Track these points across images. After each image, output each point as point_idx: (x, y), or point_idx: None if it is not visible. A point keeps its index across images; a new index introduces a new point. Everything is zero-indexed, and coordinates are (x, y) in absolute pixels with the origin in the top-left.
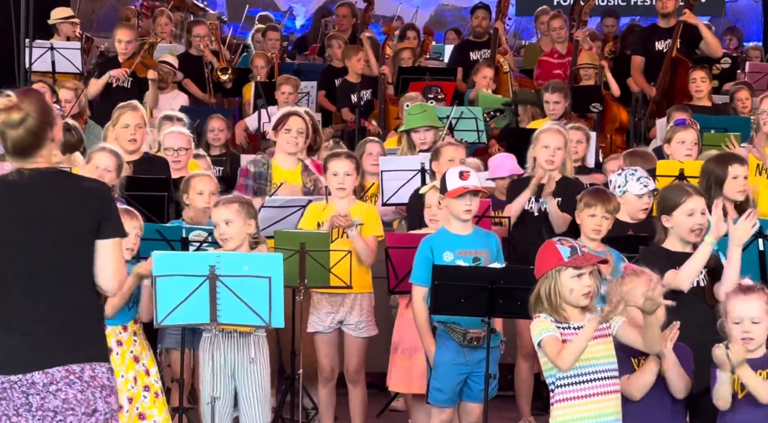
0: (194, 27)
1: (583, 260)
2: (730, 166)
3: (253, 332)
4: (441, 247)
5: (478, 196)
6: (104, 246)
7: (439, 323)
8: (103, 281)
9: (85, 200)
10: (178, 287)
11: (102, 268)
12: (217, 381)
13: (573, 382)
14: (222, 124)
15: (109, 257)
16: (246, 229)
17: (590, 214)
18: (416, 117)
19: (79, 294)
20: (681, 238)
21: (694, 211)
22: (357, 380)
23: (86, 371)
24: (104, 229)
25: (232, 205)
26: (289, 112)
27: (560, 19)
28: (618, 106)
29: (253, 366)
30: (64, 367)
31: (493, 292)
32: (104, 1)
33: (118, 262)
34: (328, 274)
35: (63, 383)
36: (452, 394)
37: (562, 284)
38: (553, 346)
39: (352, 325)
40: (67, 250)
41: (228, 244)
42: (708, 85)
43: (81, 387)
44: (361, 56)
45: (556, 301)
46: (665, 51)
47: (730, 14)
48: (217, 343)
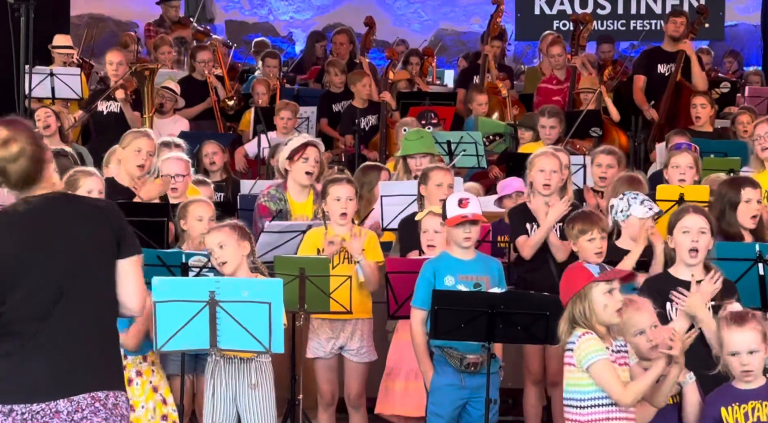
0: (198, 53)
1: (613, 274)
2: (743, 189)
3: (255, 358)
4: (443, 270)
5: (477, 223)
6: (125, 265)
7: (436, 348)
8: (128, 300)
9: (102, 219)
10: (178, 313)
11: (125, 288)
12: (219, 407)
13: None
14: (216, 148)
15: (130, 276)
16: (241, 250)
17: (588, 238)
18: (413, 143)
19: (103, 318)
20: (683, 261)
21: (689, 229)
22: (358, 405)
23: (110, 399)
24: (123, 248)
25: (223, 229)
26: (307, 142)
27: (559, 45)
28: (617, 131)
29: (255, 391)
30: (90, 394)
31: (493, 317)
32: (103, 27)
33: (139, 281)
34: (328, 299)
35: (88, 411)
36: (450, 419)
37: (595, 301)
38: (610, 374)
39: (353, 350)
40: (91, 273)
41: (225, 268)
42: (709, 111)
43: (105, 415)
44: (366, 82)
45: (592, 319)
46: (667, 75)
47: (730, 39)
48: (219, 369)
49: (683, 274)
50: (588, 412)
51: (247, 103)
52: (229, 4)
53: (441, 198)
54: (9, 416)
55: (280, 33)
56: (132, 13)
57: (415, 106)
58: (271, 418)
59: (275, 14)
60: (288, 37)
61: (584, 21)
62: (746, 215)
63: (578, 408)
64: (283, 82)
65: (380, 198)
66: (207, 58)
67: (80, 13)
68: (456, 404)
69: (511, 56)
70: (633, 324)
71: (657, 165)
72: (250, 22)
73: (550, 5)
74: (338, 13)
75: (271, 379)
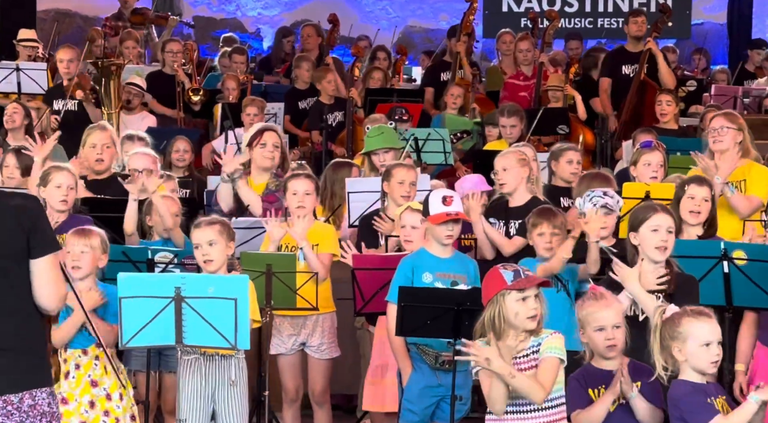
0: (168, 44)
1: (525, 282)
2: (688, 185)
3: (234, 355)
4: (421, 267)
5: (459, 222)
6: (37, 264)
7: (412, 345)
8: (42, 300)
9: (12, 219)
10: (144, 309)
11: (38, 288)
12: (195, 403)
13: (522, 411)
14: (187, 146)
15: (43, 275)
16: (227, 251)
17: (538, 233)
18: (374, 139)
19: (17, 318)
20: (648, 258)
21: (659, 227)
22: (323, 402)
23: (25, 400)
24: (34, 248)
25: (215, 226)
26: (264, 127)
27: (528, 41)
28: (584, 129)
29: (233, 389)
30: (1, 397)
31: (458, 314)
32: (70, 22)
33: (53, 279)
34: (294, 295)
35: (1, 416)
36: (424, 415)
37: (507, 308)
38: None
39: (315, 346)
40: (4, 272)
41: (209, 266)
42: (674, 109)
43: (20, 418)
44: (331, 78)
45: (500, 326)
46: (632, 75)
47: (696, 37)
48: (198, 365)
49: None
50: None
51: (214, 99)
52: (196, 0)
53: (403, 194)
54: None
55: (247, 29)
56: (98, 8)
57: (382, 103)
58: (246, 415)
59: (243, 10)
60: (256, 33)
61: (550, 17)
62: (685, 210)
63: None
64: (250, 79)
65: (347, 194)
66: (176, 49)
67: (47, 8)
68: (430, 401)
69: (478, 53)
70: (596, 319)
71: (623, 163)
72: (217, 18)
73: (518, 2)
74: (306, 10)
75: (246, 376)
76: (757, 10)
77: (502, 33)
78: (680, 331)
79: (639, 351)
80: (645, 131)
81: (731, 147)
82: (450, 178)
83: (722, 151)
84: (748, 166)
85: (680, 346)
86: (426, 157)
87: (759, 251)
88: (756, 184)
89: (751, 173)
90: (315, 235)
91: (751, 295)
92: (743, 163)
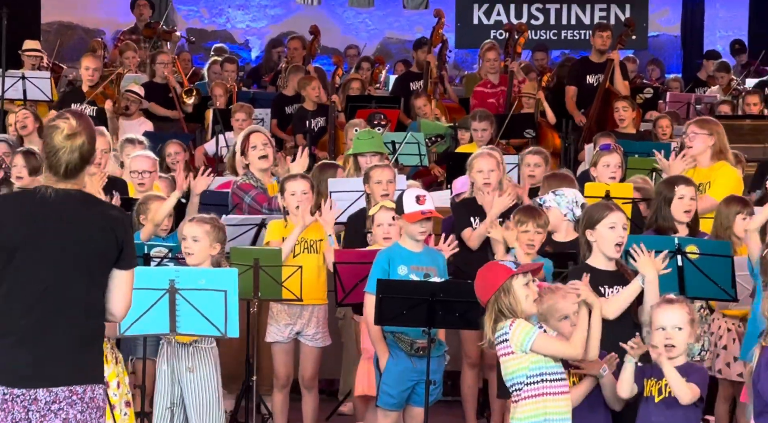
0: (158, 56)
1: (529, 267)
2: (677, 186)
3: (194, 342)
4: (397, 260)
5: (431, 219)
6: (120, 275)
7: (389, 333)
8: (116, 309)
9: (111, 228)
10: (140, 300)
11: (114, 295)
12: (165, 389)
13: (542, 380)
14: (179, 149)
15: (122, 286)
16: (210, 250)
17: (523, 230)
18: (364, 142)
19: (90, 317)
20: (603, 254)
21: (615, 224)
22: (311, 387)
23: (87, 393)
24: (123, 259)
25: (204, 225)
26: (249, 130)
27: (494, 51)
28: (552, 133)
29: (193, 375)
30: (68, 387)
31: (432, 305)
32: (73, 33)
33: (129, 291)
34: (280, 287)
35: (65, 403)
36: (400, 399)
37: (517, 293)
38: (551, 342)
39: (309, 335)
40: (86, 274)
41: (189, 259)
42: (630, 114)
43: (81, 408)
44: (315, 85)
45: (517, 311)
46: (596, 84)
47: (653, 48)
48: (165, 353)
49: (601, 264)
50: (530, 389)
51: (206, 102)
52: (189, 13)
53: (382, 193)
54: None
55: (237, 40)
56: (100, 21)
57: (362, 109)
58: (213, 400)
59: (233, 23)
60: (244, 44)
61: (520, 30)
62: (679, 210)
63: (522, 387)
64: (239, 86)
65: (329, 194)
66: (166, 61)
67: (50, 20)
68: (406, 385)
69: (451, 63)
70: (558, 309)
71: (586, 164)
72: (209, 29)
73: (488, 15)
74: (291, 22)
75: (213, 363)
76: (708, 23)
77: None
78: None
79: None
80: (604, 135)
81: (703, 151)
82: (425, 178)
83: (694, 155)
84: (718, 166)
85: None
86: (402, 158)
87: (710, 246)
88: (718, 186)
89: (718, 174)
90: (318, 232)
91: (702, 286)
92: (713, 164)
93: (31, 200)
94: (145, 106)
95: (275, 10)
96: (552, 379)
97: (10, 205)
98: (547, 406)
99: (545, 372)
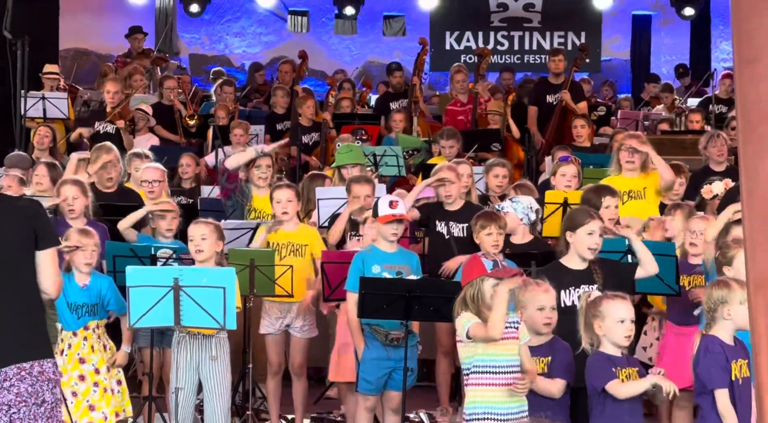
0: (165, 81)
1: (503, 273)
2: (603, 197)
3: (215, 335)
4: (371, 261)
5: (403, 222)
6: (42, 255)
7: (366, 325)
8: (46, 286)
9: (22, 216)
10: (148, 296)
11: (45, 274)
12: (183, 375)
13: (485, 371)
14: (191, 161)
15: (48, 264)
16: (216, 247)
17: (487, 233)
18: (344, 155)
19: (26, 298)
20: (579, 255)
21: (594, 231)
22: (301, 373)
23: (35, 367)
24: (41, 241)
25: (209, 225)
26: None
27: (462, 73)
28: (517, 146)
29: (214, 363)
30: (16, 365)
31: (409, 300)
32: (87, 58)
33: (55, 268)
34: (273, 284)
35: (15, 379)
36: (377, 384)
37: (484, 291)
38: (480, 328)
39: (298, 327)
40: (14, 263)
41: (200, 255)
42: (587, 131)
43: (31, 381)
44: (310, 104)
45: (478, 303)
46: (555, 103)
47: (606, 71)
48: (185, 342)
49: (573, 264)
50: (476, 377)
51: (206, 123)
52: (192, 40)
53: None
54: None
55: (234, 64)
56: (111, 47)
57: (346, 125)
58: (227, 386)
59: (230, 49)
60: (241, 67)
61: (482, 54)
62: (604, 217)
63: (470, 374)
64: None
65: (317, 201)
66: (172, 85)
67: (67, 47)
68: (382, 372)
69: (426, 84)
70: (537, 301)
71: (546, 174)
72: (209, 55)
73: (458, 42)
74: (283, 48)
75: (228, 352)
76: (654, 49)
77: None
78: (600, 310)
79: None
80: (561, 148)
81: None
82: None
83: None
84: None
85: (600, 323)
86: (383, 169)
87: (655, 247)
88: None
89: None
90: (304, 236)
91: (650, 283)
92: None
93: None
94: (152, 124)
95: (268, 37)
96: (490, 372)
97: None
98: (486, 395)
99: (480, 364)
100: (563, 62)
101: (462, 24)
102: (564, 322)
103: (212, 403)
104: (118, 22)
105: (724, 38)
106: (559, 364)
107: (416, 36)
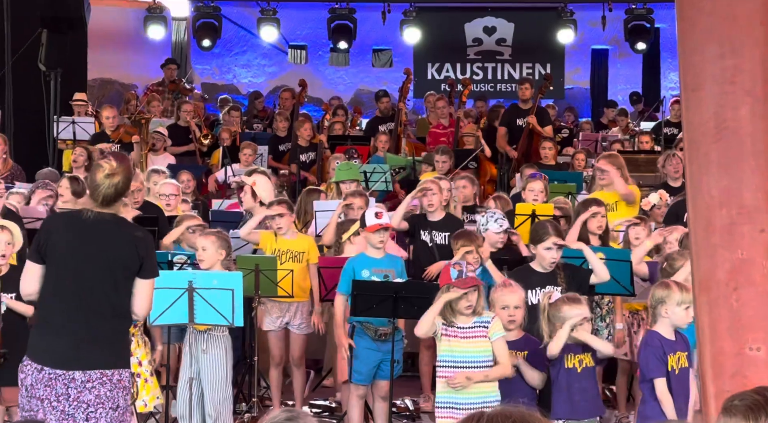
0: (183, 105)
1: (461, 284)
2: (591, 207)
3: (208, 331)
4: (360, 266)
5: (388, 230)
6: (143, 284)
7: (357, 323)
8: (139, 310)
9: (135, 245)
10: (165, 297)
11: (138, 299)
12: (187, 366)
13: (448, 365)
14: (189, 176)
15: (145, 293)
16: (217, 256)
17: (467, 251)
18: (344, 172)
19: (118, 315)
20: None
21: (551, 247)
22: (300, 365)
23: (115, 375)
24: (143, 270)
25: (210, 237)
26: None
27: (443, 100)
28: (489, 164)
29: (207, 355)
30: (100, 370)
31: (396, 300)
32: (111, 86)
33: (149, 296)
34: (276, 287)
35: (97, 382)
36: (368, 374)
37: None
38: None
39: (296, 325)
40: (117, 281)
41: (202, 264)
42: (553, 152)
43: (110, 387)
44: (308, 127)
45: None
46: (523, 126)
47: (569, 97)
48: (189, 338)
49: (541, 268)
50: (441, 370)
51: (217, 143)
52: (204, 70)
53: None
54: (40, 373)
55: (241, 92)
56: (133, 77)
57: (340, 145)
58: (222, 376)
59: (238, 78)
60: (247, 94)
61: (464, 84)
62: (593, 225)
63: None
64: (243, 129)
65: (315, 213)
66: (189, 109)
67: (94, 77)
68: (373, 363)
69: (410, 109)
70: (503, 300)
71: (517, 189)
72: (219, 83)
73: (439, 72)
74: (284, 78)
75: (224, 347)
76: (611, 78)
77: (427, 95)
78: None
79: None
80: (529, 166)
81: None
82: (392, 201)
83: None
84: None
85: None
86: (372, 185)
87: (613, 253)
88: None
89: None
90: (302, 244)
91: (608, 284)
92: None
93: (77, 218)
94: (169, 144)
95: (272, 68)
96: (451, 366)
97: (61, 220)
98: (448, 388)
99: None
100: (530, 90)
101: (442, 56)
102: (532, 318)
103: (211, 391)
104: (139, 55)
105: (672, 69)
106: (535, 357)
107: (402, 67)
